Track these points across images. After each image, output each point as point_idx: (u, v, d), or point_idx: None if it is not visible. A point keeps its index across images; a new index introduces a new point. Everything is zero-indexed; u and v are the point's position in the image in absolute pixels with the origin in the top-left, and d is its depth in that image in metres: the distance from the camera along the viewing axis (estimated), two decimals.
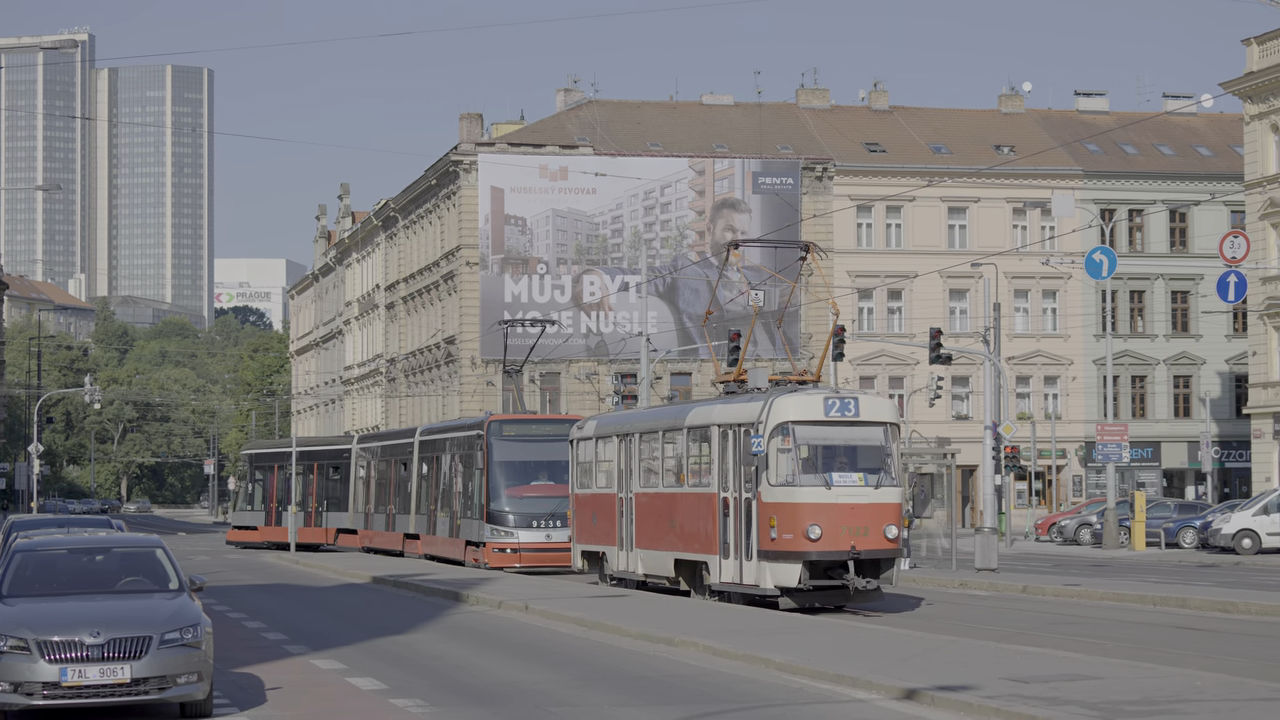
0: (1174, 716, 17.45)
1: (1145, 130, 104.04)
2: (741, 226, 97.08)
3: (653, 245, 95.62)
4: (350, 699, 21.46)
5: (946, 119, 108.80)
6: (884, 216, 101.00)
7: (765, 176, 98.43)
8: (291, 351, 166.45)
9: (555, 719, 19.16)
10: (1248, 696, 19.11)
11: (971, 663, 22.60)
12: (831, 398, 32.02)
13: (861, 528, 30.64)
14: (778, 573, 31.10)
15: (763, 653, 24.73)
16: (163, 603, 19.65)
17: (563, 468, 49.39)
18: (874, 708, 19.77)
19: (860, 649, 24.91)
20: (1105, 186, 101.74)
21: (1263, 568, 51.01)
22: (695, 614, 32.63)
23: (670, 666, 24.65)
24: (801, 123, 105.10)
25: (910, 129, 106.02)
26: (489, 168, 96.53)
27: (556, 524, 48.33)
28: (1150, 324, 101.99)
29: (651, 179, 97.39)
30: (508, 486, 48.96)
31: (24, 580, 20.27)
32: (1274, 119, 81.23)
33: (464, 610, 37.12)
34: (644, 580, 38.54)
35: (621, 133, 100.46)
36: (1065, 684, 20.20)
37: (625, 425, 40.71)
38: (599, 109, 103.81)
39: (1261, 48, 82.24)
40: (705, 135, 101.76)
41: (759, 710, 19.71)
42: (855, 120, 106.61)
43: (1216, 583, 43.45)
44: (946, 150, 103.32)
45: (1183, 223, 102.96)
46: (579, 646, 28.29)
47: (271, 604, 39.66)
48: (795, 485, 30.98)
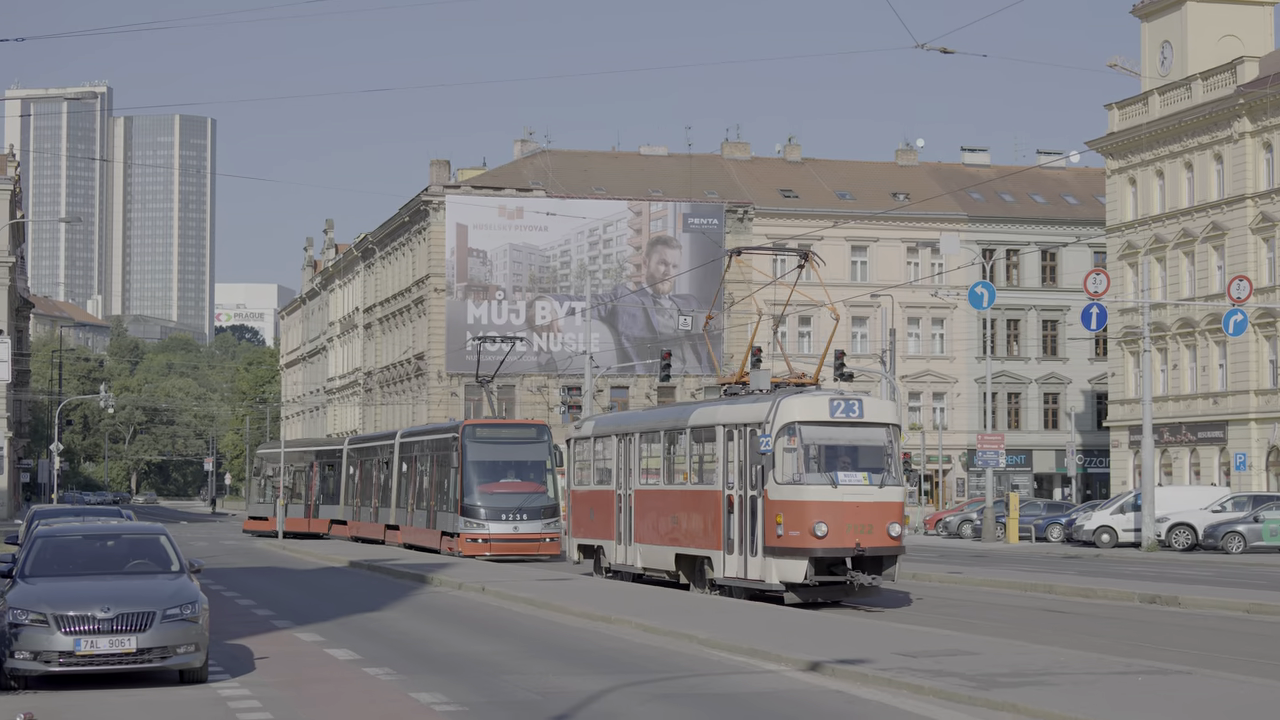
0: (1041, 687, 17.47)
1: (1021, 181, 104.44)
2: (672, 260, 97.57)
3: (596, 276, 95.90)
4: (328, 668, 21.34)
5: (851, 169, 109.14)
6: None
7: (694, 218, 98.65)
8: (281, 364, 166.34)
9: (506, 685, 19.07)
10: (1105, 670, 19.20)
11: (867, 640, 22.62)
12: (837, 399, 29.42)
13: (866, 526, 28.14)
14: (783, 568, 28.38)
15: (687, 629, 24.67)
16: (165, 583, 19.59)
17: (529, 466, 49.75)
18: (782, 678, 19.74)
19: (774, 628, 24.87)
20: (986, 229, 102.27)
21: (1119, 559, 51.18)
22: (630, 596, 32.48)
23: (607, 641, 24.58)
24: (725, 171, 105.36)
25: (819, 178, 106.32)
26: (455, 207, 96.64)
27: (523, 517, 48.25)
28: (1024, 348, 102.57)
29: (595, 219, 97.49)
30: (480, 483, 48.41)
31: (44, 562, 20.24)
32: (1131, 173, 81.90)
33: (429, 591, 36.99)
34: (642, 573, 35.81)
35: (570, 178, 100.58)
36: (947, 658, 20.22)
37: (624, 425, 37.77)
38: (550, 157, 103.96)
39: (1121, 112, 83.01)
40: (642, 181, 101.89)
41: (682, 680, 19.68)
42: (772, 170, 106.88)
43: (1079, 572, 43.57)
44: (850, 196, 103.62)
45: (1052, 261, 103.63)
46: (528, 623, 28.19)
47: (261, 584, 39.45)
48: (802, 484, 28.27)
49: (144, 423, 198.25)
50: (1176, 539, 57.76)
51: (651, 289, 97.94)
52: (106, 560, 20.64)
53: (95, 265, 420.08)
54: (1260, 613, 29.74)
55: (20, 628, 18.12)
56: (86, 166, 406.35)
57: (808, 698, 18.06)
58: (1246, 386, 73.68)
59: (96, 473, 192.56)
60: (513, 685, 19.16)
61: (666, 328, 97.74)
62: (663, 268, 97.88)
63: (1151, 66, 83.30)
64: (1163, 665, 20.34)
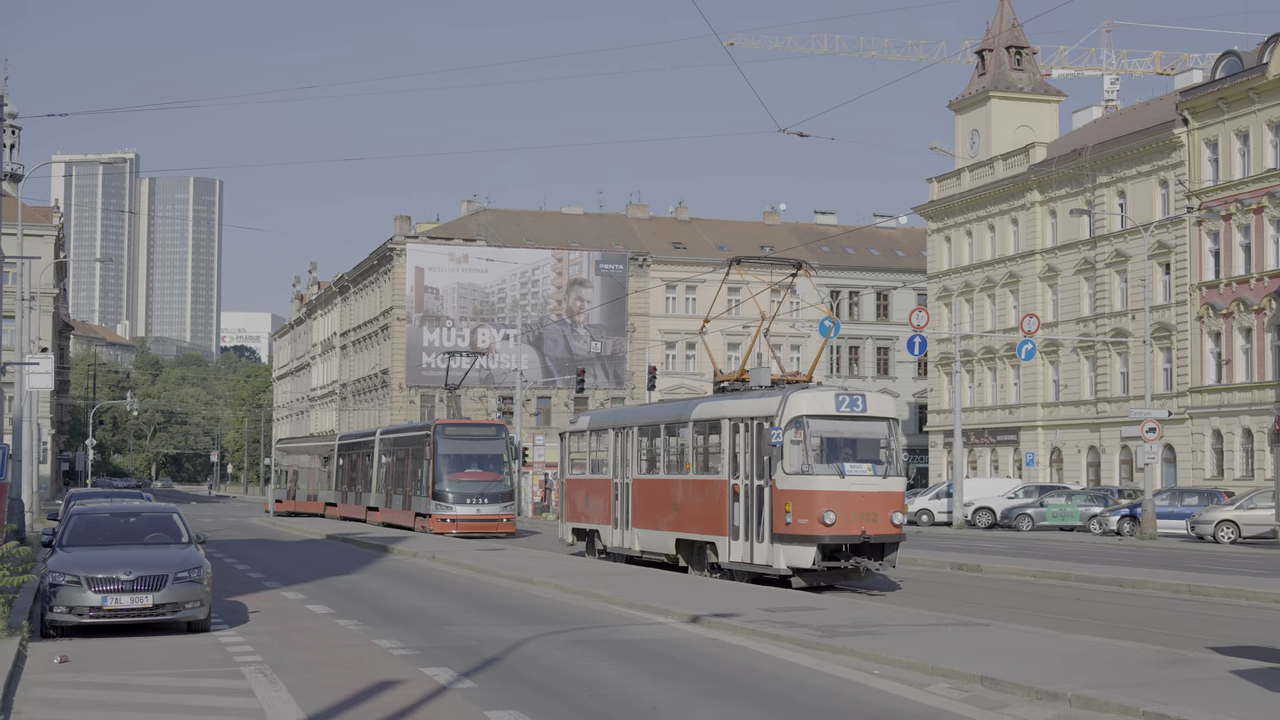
0: (873, 635, 17.61)
1: (860, 238, 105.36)
2: (586, 297, 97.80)
3: (525, 309, 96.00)
4: (309, 619, 21.23)
5: (728, 227, 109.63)
6: (684, 293, 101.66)
7: (604, 264, 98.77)
8: (274, 377, 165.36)
9: (449, 634, 19.02)
10: (923, 623, 19.37)
11: (738, 599, 22.67)
12: (842, 394, 25.62)
13: (871, 514, 24.63)
14: (791, 554, 24.79)
15: (593, 589, 24.66)
16: (176, 551, 19.53)
17: (490, 459, 49.02)
18: (669, 628, 19.78)
19: (664, 588, 24.90)
20: (833, 275, 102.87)
21: (935, 535, 51.51)
22: (548, 562, 32.44)
23: (530, 599, 24.54)
24: (629, 227, 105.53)
25: (703, 233, 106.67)
26: (414, 254, 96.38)
27: (485, 501, 47.76)
28: (862, 369, 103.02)
29: (525, 264, 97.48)
30: (449, 473, 47.86)
31: (78, 534, 20.19)
32: (947, 232, 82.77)
33: (389, 559, 36.78)
34: (640, 555, 31.64)
35: (505, 231, 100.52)
36: (799, 613, 20.31)
37: (621, 420, 33.45)
38: (490, 214, 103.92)
39: (939, 184, 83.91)
40: (563, 234, 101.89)
41: (589, 629, 19.65)
42: (665, 226, 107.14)
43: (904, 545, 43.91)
44: (727, 248, 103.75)
45: (885, 301, 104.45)
46: (468, 584, 28.09)
47: (254, 553, 39.15)
48: (811, 474, 24.58)
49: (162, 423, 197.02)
50: (980, 519, 58.74)
51: (569, 320, 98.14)
52: (129, 533, 20.56)
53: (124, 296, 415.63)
54: (1044, 578, 30.08)
55: (58, 587, 18.12)
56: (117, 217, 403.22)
57: (688, 643, 18.10)
58: (1035, 400, 74.74)
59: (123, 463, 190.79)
60: (454, 634, 19.11)
61: (581, 350, 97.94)
62: (579, 303, 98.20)
63: (963, 149, 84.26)
64: (966, 619, 20.52)
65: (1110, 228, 69.23)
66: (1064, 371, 73.25)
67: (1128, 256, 68.24)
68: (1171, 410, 64.06)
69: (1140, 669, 14.79)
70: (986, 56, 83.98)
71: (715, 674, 15.50)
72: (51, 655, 16.34)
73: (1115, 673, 14.45)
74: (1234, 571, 31.45)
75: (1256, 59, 62.48)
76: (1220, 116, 63.62)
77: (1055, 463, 73.81)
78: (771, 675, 15.40)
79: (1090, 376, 71.37)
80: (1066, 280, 72.42)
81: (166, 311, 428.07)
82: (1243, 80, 62.18)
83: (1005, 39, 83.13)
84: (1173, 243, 65.77)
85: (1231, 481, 61.23)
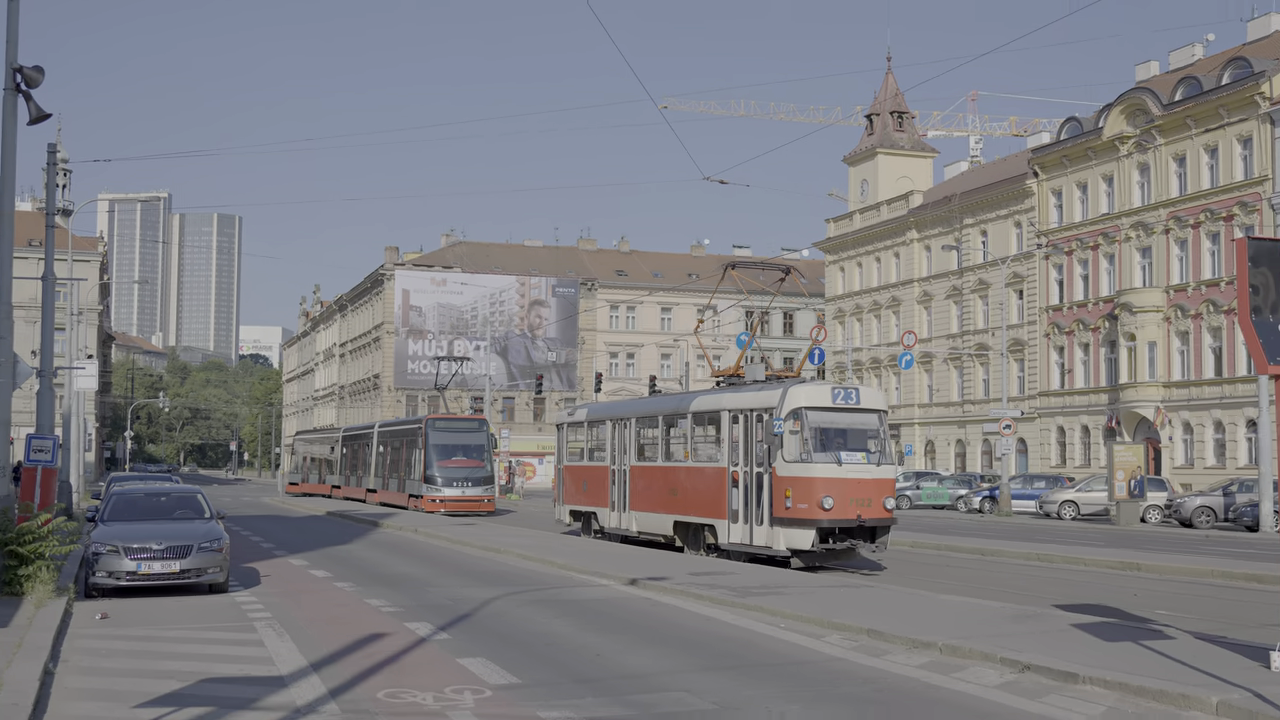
0: (779, 595, 17.63)
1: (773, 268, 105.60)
2: (545, 315, 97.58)
3: (494, 324, 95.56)
4: (311, 582, 21.05)
5: (661, 258, 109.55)
6: (626, 312, 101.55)
7: (559, 287, 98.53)
8: (283, 380, 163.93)
9: (429, 594, 18.92)
10: (820, 585, 19.40)
11: (671, 566, 22.69)
12: (837, 388, 23.21)
13: (866, 499, 22.37)
14: (791, 537, 22.44)
15: (549, 558, 24.62)
16: (200, 525, 19.35)
17: (473, 449, 47.84)
18: (612, 589, 19.74)
19: (607, 557, 24.87)
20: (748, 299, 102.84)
21: None
22: (513, 536, 32.28)
23: (498, 566, 24.44)
24: (579, 257, 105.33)
25: (641, 263, 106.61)
26: (401, 278, 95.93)
27: (469, 485, 46.79)
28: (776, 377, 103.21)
29: (494, 288, 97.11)
30: (438, 460, 46.88)
31: (117, 511, 19.97)
32: (841, 264, 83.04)
33: (379, 532, 36.54)
34: (636, 536, 28.81)
35: (478, 260, 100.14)
36: (719, 576, 20.34)
37: (619, 412, 30.69)
38: (465, 246, 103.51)
39: (835, 224, 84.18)
40: (525, 263, 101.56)
41: (546, 590, 19.59)
42: (610, 257, 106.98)
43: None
44: (661, 276, 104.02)
45: (791, 320, 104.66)
46: (444, 553, 27.94)
47: (266, 527, 38.80)
48: (810, 462, 22.23)
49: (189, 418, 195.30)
50: None
51: (530, 333, 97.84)
52: (160, 510, 20.37)
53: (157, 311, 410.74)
54: (919, 547, 30.15)
55: (100, 555, 17.93)
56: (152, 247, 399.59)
57: (627, 602, 18.09)
58: (913, 402, 75.07)
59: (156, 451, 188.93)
60: (433, 594, 19.01)
61: (540, 359, 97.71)
62: (538, 319, 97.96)
63: (855, 195, 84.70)
64: (856, 581, 20.63)
65: (974, 260, 69.82)
66: (936, 378, 73.68)
67: (989, 284, 68.86)
68: (1024, 410, 64.74)
69: (997, 622, 14.89)
70: (874, 119, 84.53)
71: (648, 627, 15.50)
72: (94, 613, 16.15)
73: (977, 625, 14.54)
74: (1074, 543, 31.75)
75: (1094, 124, 63.21)
76: (1064, 170, 64.30)
77: (929, 453, 74.22)
78: (695, 628, 15.41)
79: (958, 382, 71.85)
80: (939, 303, 72.96)
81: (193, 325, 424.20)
82: (1082, 141, 62.89)
83: (889, 105, 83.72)
84: (1025, 273, 66.41)
85: (1072, 469, 61.85)
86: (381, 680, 11.66)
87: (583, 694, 11.05)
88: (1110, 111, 61.49)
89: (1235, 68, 55.92)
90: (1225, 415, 55.12)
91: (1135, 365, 58.71)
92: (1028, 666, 11.97)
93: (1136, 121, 60.04)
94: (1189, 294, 56.94)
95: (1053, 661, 11.96)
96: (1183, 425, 57.19)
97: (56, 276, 29.52)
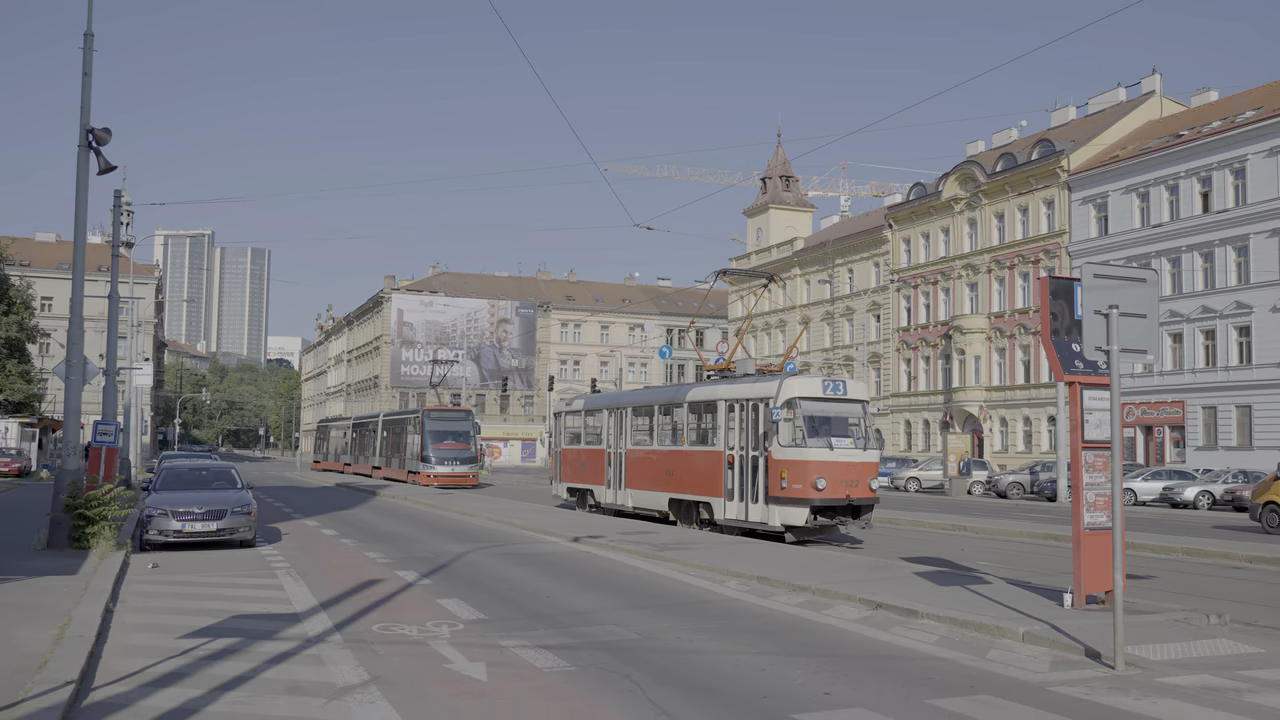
0: (689, 550, 17.60)
1: (687, 295, 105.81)
2: (510, 330, 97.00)
3: (469, 337, 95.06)
4: (323, 539, 20.72)
5: (602, 287, 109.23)
6: (573, 329, 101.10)
7: (521, 309, 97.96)
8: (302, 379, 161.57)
9: (415, 548, 18.73)
10: (720, 543, 19.37)
11: (605, 527, 22.63)
12: (827, 380, 20.55)
13: (854, 480, 19.81)
14: (785, 514, 19.88)
15: (511, 518, 24.46)
16: (234, 493, 19.00)
17: (461, 434, 46.53)
18: (559, 545, 19.62)
19: (555, 519, 24.76)
20: (669, 319, 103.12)
21: None
22: (483, 503, 32.05)
23: (469, 526, 24.24)
24: (537, 285, 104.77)
25: (586, 290, 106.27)
26: (396, 300, 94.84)
27: (458, 463, 45.72)
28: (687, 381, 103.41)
29: (470, 309, 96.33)
30: (433, 444, 45.89)
31: (166, 482, 19.62)
32: (740, 293, 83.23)
33: (376, 500, 36.15)
34: (632, 511, 25.98)
35: (458, 286, 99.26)
36: (644, 535, 20.30)
37: (615, 402, 27.33)
38: (448, 275, 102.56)
39: (736, 262, 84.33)
40: (495, 289, 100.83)
41: (508, 545, 19.45)
42: (561, 285, 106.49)
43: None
44: (601, 300, 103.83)
45: (702, 336, 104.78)
46: (428, 516, 27.67)
47: (287, 495, 38.27)
48: (805, 446, 19.70)
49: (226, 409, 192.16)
50: None
51: (498, 344, 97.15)
52: (201, 481, 19.97)
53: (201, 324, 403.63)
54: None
55: (152, 517, 17.59)
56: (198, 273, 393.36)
57: (571, 555, 17.99)
58: None
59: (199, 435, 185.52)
60: (419, 548, 18.81)
61: (506, 364, 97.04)
62: (504, 334, 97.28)
63: (752, 240, 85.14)
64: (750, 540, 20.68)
65: (842, 291, 70.42)
66: None
67: (854, 310, 69.48)
68: (880, 408, 65.35)
69: (858, 571, 14.97)
70: (767, 181, 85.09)
71: (588, 574, 15.45)
72: (146, 563, 15.83)
73: (842, 574, 14.61)
74: (916, 510, 32.06)
75: (934, 188, 64.03)
76: (912, 223, 65.06)
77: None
78: (624, 575, 15.35)
79: None
80: (816, 325, 73.49)
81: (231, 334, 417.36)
82: (926, 201, 63.69)
83: (779, 170, 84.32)
84: (881, 302, 67.08)
85: (916, 452, 62.51)
86: (376, 616, 11.53)
87: (535, 626, 10.99)
88: (947, 179, 62.36)
89: (1042, 147, 56.96)
90: (1032, 412, 56.04)
91: (964, 373, 59.53)
92: (880, 605, 12.03)
93: (967, 186, 60.94)
94: (1005, 319, 57.85)
95: (899, 601, 12.02)
96: (1000, 420, 58.06)
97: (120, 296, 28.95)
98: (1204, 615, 11.39)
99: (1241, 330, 46.61)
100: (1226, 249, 47.08)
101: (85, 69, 17.41)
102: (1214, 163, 47.71)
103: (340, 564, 16.40)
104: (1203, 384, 47.76)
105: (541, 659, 9.35)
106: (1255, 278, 45.80)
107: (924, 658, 9.54)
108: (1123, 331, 9.56)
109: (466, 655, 9.47)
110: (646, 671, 8.89)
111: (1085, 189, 53.73)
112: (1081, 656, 9.51)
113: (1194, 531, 25.22)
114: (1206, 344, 47.91)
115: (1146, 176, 50.74)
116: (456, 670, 8.91)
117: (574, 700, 7.99)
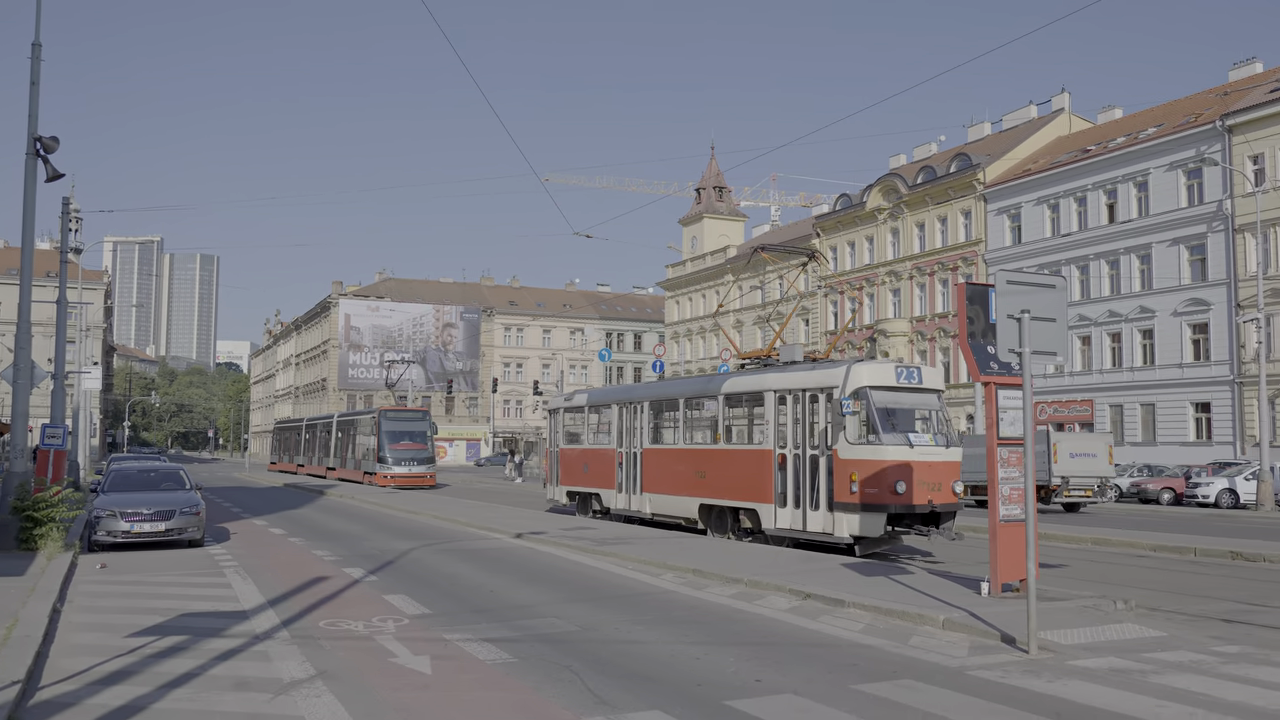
0: (628, 545, 17.62)
1: (626, 300, 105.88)
2: (454, 335, 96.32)
3: (415, 341, 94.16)
4: (269, 538, 20.38)
5: (544, 292, 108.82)
6: (517, 334, 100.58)
7: (465, 314, 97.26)
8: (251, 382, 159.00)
9: (362, 546, 18.51)
10: (662, 539, 19.38)
11: (549, 524, 22.54)
12: (900, 367, 16.58)
13: (937, 483, 15.75)
14: (855, 522, 15.88)
15: (456, 516, 24.26)
16: (182, 494, 18.62)
17: (418, 434, 44.83)
18: (503, 541, 19.51)
19: (501, 518, 24.62)
20: (609, 324, 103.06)
21: None
22: (428, 502, 31.78)
23: (417, 525, 24.00)
24: (481, 291, 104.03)
25: (529, 296, 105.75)
26: (344, 305, 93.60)
27: (415, 464, 44.00)
28: (625, 381, 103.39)
29: (416, 314, 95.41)
30: (390, 444, 44.27)
31: (115, 483, 19.23)
32: (677, 298, 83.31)
33: (325, 499, 35.64)
34: (650, 518, 21.84)
35: (404, 292, 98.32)
36: (583, 531, 20.26)
37: (627, 396, 23.09)
38: (394, 281, 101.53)
39: (673, 269, 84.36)
40: (440, 295, 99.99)
41: (453, 542, 19.29)
42: (504, 291, 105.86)
43: None
44: (543, 305, 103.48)
45: (639, 339, 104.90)
46: (376, 515, 27.35)
47: (235, 495, 37.55)
48: (880, 444, 15.78)
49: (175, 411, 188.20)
50: None
51: (443, 348, 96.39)
52: (149, 482, 19.58)
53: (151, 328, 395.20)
54: None
55: (101, 518, 17.20)
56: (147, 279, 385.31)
57: (514, 551, 17.89)
58: None
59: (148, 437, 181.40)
60: (366, 546, 18.60)
61: (451, 367, 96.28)
62: (449, 337, 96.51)
63: (687, 247, 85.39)
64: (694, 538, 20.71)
65: (773, 296, 70.94)
66: None
67: (785, 314, 70.02)
68: None
69: (789, 564, 15.05)
70: (701, 192, 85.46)
71: (530, 569, 15.37)
72: (95, 564, 15.44)
73: (772, 567, 14.68)
74: None
75: (859, 199, 64.78)
76: (838, 232, 65.75)
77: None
78: (565, 569, 15.30)
79: None
80: (748, 328, 73.91)
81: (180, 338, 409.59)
82: (851, 211, 64.42)
83: (712, 182, 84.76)
84: (811, 306, 67.68)
85: None
86: (324, 613, 11.36)
87: (478, 620, 10.91)
88: (871, 190, 63.12)
89: (959, 160, 57.91)
90: (952, 410, 56.95)
91: None
92: (809, 595, 12.09)
93: (890, 198, 61.74)
94: (926, 323, 58.71)
95: (827, 591, 12.08)
96: None
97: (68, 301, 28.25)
98: (1112, 601, 11.65)
99: (1145, 333, 47.82)
100: (1131, 257, 48.27)
101: (33, 78, 17.02)
102: (1119, 176, 48.90)
103: (288, 562, 16.14)
104: (1110, 384, 48.90)
105: (484, 651, 9.29)
106: (1157, 284, 47.03)
107: (850, 645, 9.63)
108: (1034, 335, 9.74)
109: (411, 649, 9.37)
110: (586, 662, 8.87)
111: (1000, 200, 54.73)
112: (998, 642, 9.66)
113: (1102, 523, 25.78)
114: (1113, 346, 49.07)
115: (1057, 189, 51.82)
116: (401, 664, 8.81)
117: (516, 691, 7.94)
